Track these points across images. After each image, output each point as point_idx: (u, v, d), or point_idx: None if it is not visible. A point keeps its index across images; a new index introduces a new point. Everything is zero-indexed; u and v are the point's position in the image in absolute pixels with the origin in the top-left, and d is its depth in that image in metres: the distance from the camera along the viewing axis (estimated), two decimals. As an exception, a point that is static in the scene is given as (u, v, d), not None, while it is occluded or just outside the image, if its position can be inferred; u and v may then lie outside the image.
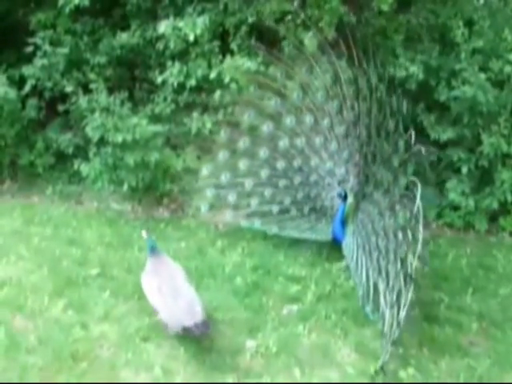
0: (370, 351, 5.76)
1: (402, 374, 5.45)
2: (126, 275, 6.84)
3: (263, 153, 7.29)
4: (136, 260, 7.10)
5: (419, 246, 5.57)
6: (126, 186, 8.10)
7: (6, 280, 6.62)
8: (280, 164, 7.24)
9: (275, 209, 7.37)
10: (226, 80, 7.95)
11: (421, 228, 5.59)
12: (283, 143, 7.17)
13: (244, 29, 8.71)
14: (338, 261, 7.07)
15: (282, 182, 7.28)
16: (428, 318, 6.27)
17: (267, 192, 7.34)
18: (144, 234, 6.36)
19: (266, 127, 7.27)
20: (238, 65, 7.84)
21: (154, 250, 6.21)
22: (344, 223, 6.85)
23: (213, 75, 8.12)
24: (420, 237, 5.57)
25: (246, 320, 6.07)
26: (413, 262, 5.62)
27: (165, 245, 7.47)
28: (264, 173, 7.31)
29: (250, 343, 5.78)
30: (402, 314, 5.53)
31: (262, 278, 6.84)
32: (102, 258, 7.16)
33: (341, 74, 7.20)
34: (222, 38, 8.92)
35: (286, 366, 5.52)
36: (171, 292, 5.70)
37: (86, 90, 8.54)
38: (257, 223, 7.54)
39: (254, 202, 7.42)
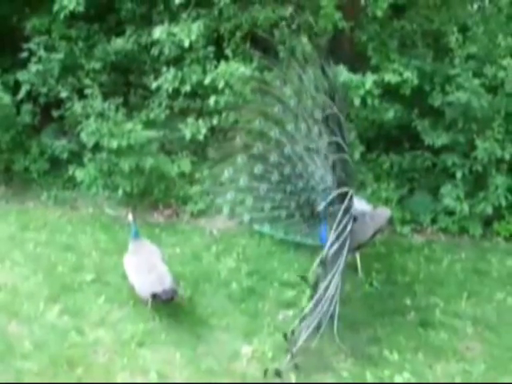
0: (365, 356, 5.78)
1: (398, 379, 5.47)
2: (121, 281, 6.79)
3: (273, 158, 7.26)
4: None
5: None
6: (120, 192, 8.09)
7: (1, 286, 6.65)
8: (286, 169, 7.23)
9: (283, 214, 7.37)
10: (221, 85, 7.94)
11: None
12: (287, 149, 7.15)
13: (239, 34, 8.72)
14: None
15: (289, 188, 7.26)
16: (423, 323, 6.30)
17: (277, 197, 7.33)
18: (130, 217, 6.82)
19: (274, 133, 7.25)
20: (233, 70, 7.83)
21: (136, 235, 6.76)
22: None
23: (207, 81, 8.11)
24: None
25: (242, 325, 6.10)
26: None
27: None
28: (274, 178, 7.29)
29: (246, 348, 5.80)
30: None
31: (257, 284, 6.85)
32: (97, 263, 7.16)
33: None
34: (216, 43, 8.91)
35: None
36: (147, 267, 6.27)
37: (81, 95, 8.53)
38: (266, 227, 7.58)
39: (267, 206, 7.40)
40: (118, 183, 8.12)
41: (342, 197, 6.05)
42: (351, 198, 6.08)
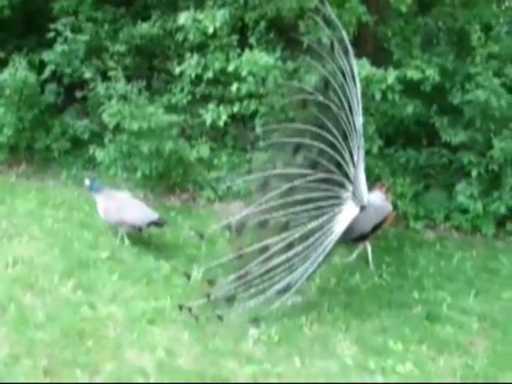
0: (370, 345, 5.86)
1: (400, 368, 5.55)
2: (135, 260, 7.00)
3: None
4: (146, 246, 7.25)
5: None
6: (139, 174, 8.20)
7: (18, 259, 6.78)
8: None
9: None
10: (244, 73, 8.01)
11: None
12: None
13: (263, 24, 8.80)
14: (345, 256, 7.21)
15: None
16: (430, 317, 6.35)
17: None
18: (87, 182, 7.60)
19: None
20: (257, 59, 7.90)
21: (97, 188, 7.52)
22: None
23: (231, 68, 8.19)
24: None
25: (251, 309, 6.15)
26: None
27: (175, 232, 7.64)
28: None
29: (253, 331, 5.90)
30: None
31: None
32: (112, 242, 7.29)
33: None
34: (241, 32, 9.00)
35: (286, 355, 5.64)
36: (131, 204, 7.27)
37: (105, 77, 8.66)
38: None
39: None
40: (136, 165, 8.23)
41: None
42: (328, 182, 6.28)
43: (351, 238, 6.68)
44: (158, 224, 7.15)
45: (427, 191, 8.37)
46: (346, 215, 6.32)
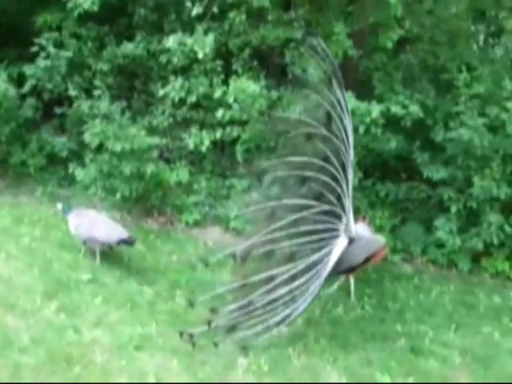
0: (358, 378, 5.88)
1: (389, 402, 5.60)
2: (117, 283, 6.91)
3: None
4: (127, 269, 7.17)
5: None
6: (119, 195, 8.11)
7: (-4, 277, 6.62)
8: None
9: None
10: (230, 100, 8.03)
11: None
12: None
13: (247, 51, 8.86)
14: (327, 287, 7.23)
15: None
16: (414, 350, 6.42)
17: None
18: (59, 206, 7.62)
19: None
20: (245, 87, 7.93)
21: (68, 209, 7.49)
22: None
23: (217, 94, 8.21)
24: None
25: (241, 338, 6.11)
26: None
27: (155, 256, 7.59)
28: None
29: (242, 360, 5.86)
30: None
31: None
32: (92, 263, 7.17)
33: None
34: (223, 58, 9.02)
35: (277, 385, 5.62)
36: (101, 222, 7.27)
37: (88, 95, 8.58)
38: None
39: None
40: (116, 186, 8.14)
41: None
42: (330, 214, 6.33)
43: (339, 270, 6.68)
44: (127, 242, 7.11)
45: (404, 225, 8.50)
46: (338, 248, 6.36)
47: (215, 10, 8.48)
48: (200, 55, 8.09)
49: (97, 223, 7.23)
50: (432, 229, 8.21)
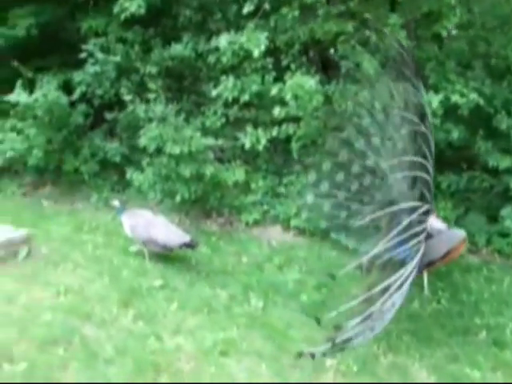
0: (448, 374, 5.80)
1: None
2: (189, 288, 6.80)
3: (355, 168, 7.17)
4: (196, 272, 7.09)
5: None
6: (178, 198, 8.03)
7: (68, 288, 6.50)
8: (366, 180, 7.17)
9: (357, 223, 7.30)
10: (288, 97, 7.92)
11: None
12: (370, 161, 7.10)
13: (297, 47, 8.75)
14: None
15: (366, 198, 7.19)
16: (497, 343, 6.33)
17: (354, 206, 7.24)
18: (116, 202, 7.51)
19: (359, 144, 7.18)
20: (302, 83, 7.82)
21: (122, 211, 7.36)
22: None
23: (274, 91, 8.10)
24: None
25: (322, 338, 6.03)
26: None
27: (222, 258, 7.50)
28: (353, 187, 7.21)
29: (330, 362, 5.76)
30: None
31: (326, 297, 6.83)
32: (160, 269, 7.09)
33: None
34: (272, 54, 8.92)
35: (368, 385, 5.53)
36: (160, 223, 7.14)
37: (140, 98, 8.52)
38: (342, 236, 7.52)
39: (342, 214, 7.29)
40: (175, 189, 8.06)
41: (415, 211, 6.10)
42: (427, 213, 6.12)
43: (419, 265, 6.55)
44: (190, 245, 7.02)
45: (467, 215, 8.36)
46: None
47: (267, 6, 8.34)
48: (255, 53, 7.96)
49: (154, 224, 7.13)
50: (497, 218, 8.08)
